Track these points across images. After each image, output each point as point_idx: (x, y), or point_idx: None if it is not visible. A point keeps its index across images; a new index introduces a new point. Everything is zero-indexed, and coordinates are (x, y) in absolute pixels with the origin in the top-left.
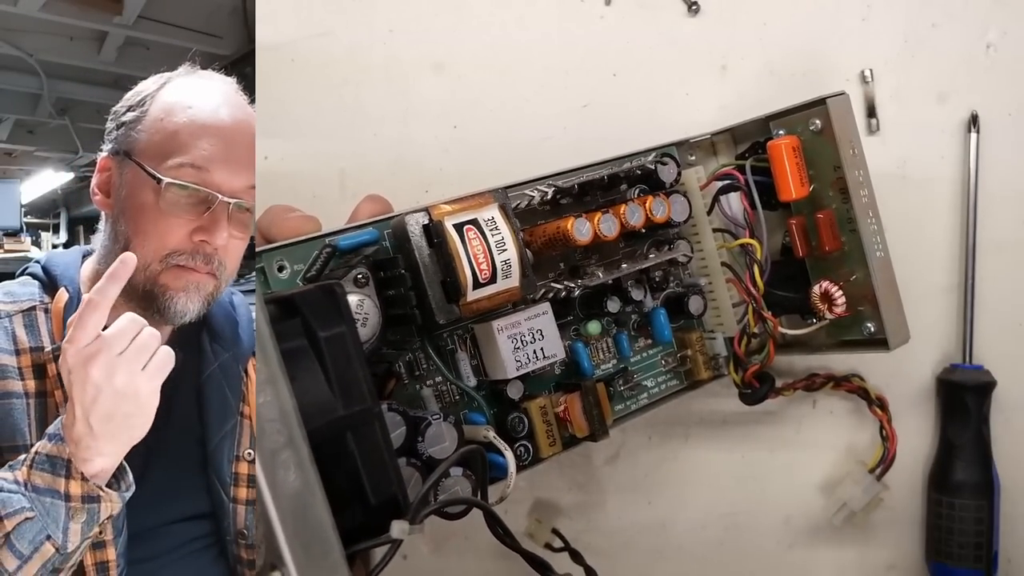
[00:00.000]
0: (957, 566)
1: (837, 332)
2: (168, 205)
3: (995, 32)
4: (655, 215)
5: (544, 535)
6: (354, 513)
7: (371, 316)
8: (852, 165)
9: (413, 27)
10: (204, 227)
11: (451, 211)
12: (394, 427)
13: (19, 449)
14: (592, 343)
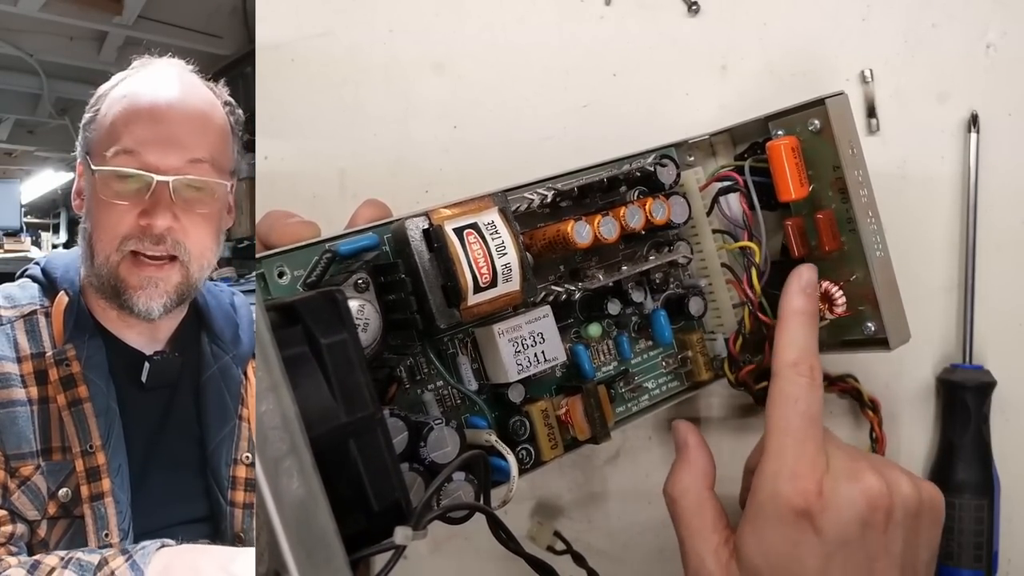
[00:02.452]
0: (957, 566)
1: (837, 332)
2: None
3: (995, 32)
4: (655, 217)
5: (546, 537)
6: (357, 519)
7: (372, 321)
8: (851, 165)
9: (413, 27)
10: (146, 210)
11: (451, 215)
12: (396, 432)
13: (25, 457)
14: (593, 345)
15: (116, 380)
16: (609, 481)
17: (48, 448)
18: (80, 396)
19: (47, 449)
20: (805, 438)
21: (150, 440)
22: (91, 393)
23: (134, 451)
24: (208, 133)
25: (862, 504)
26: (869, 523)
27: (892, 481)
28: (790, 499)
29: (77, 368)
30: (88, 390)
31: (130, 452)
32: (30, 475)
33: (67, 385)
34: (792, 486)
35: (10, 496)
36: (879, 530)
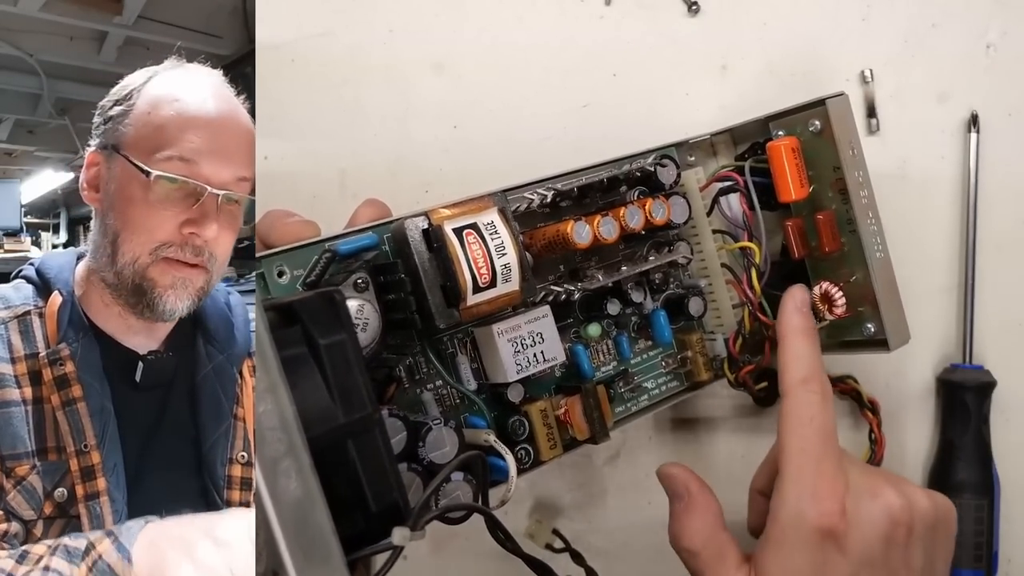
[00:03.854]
0: (957, 566)
1: (837, 333)
2: (157, 198)
3: (995, 32)
4: (655, 217)
5: (544, 536)
6: (355, 520)
7: (371, 321)
8: (852, 166)
9: (413, 27)
10: (193, 219)
11: (450, 215)
12: (395, 432)
13: (20, 457)
14: (592, 345)
15: (110, 380)
16: (608, 481)
17: (43, 448)
18: (74, 396)
19: (42, 449)
20: (823, 456)
21: (145, 440)
22: (85, 393)
23: (129, 451)
24: (252, 151)
25: (884, 521)
26: (892, 540)
27: (909, 496)
28: (814, 521)
29: (71, 368)
30: (82, 390)
31: (125, 452)
32: (26, 475)
33: (61, 385)
34: (815, 508)
35: (6, 496)
36: (901, 546)
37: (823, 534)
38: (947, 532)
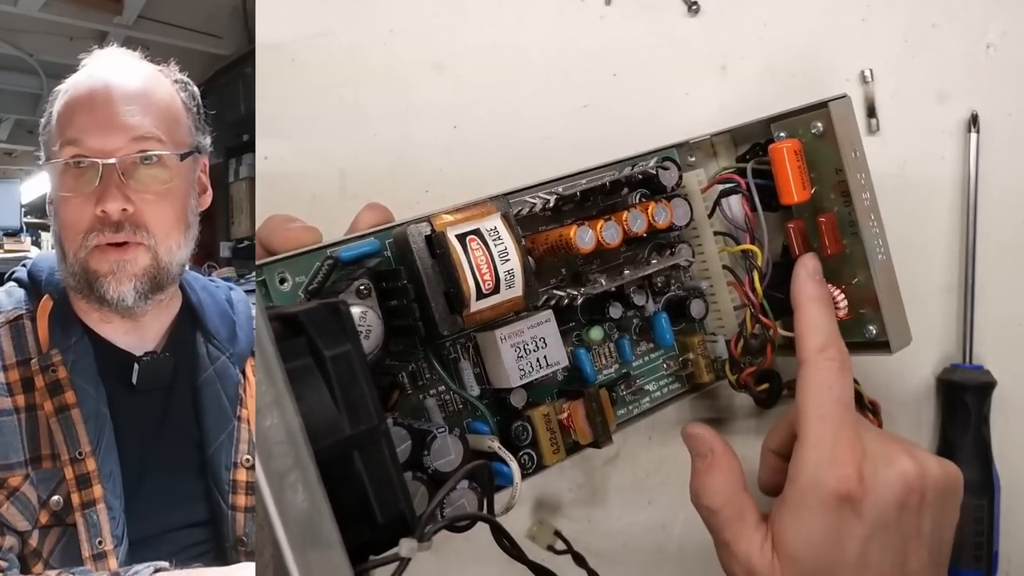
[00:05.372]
0: (957, 566)
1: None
2: (68, 189)
3: (995, 32)
4: (657, 221)
5: (546, 537)
6: (361, 531)
7: (374, 328)
8: (854, 168)
9: (413, 27)
10: (99, 197)
11: (453, 221)
12: (399, 441)
13: (13, 467)
14: (594, 349)
15: (106, 383)
16: (609, 481)
17: (38, 456)
18: (67, 402)
19: (36, 457)
20: (841, 424)
21: (146, 443)
22: (79, 398)
23: (129, 455)
24: (151, 110)
25: (900, 487)
26: (906, 505)
27: (923, 462)
28: (832, 486)
29: (64, 374)
30: (75, 395)
31: (124, 456)
32: (18, 485)
33: (54, 391)
34: (833, 473)
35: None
36: (914, 511)
37: (840, 498)
38: (955, 499)
